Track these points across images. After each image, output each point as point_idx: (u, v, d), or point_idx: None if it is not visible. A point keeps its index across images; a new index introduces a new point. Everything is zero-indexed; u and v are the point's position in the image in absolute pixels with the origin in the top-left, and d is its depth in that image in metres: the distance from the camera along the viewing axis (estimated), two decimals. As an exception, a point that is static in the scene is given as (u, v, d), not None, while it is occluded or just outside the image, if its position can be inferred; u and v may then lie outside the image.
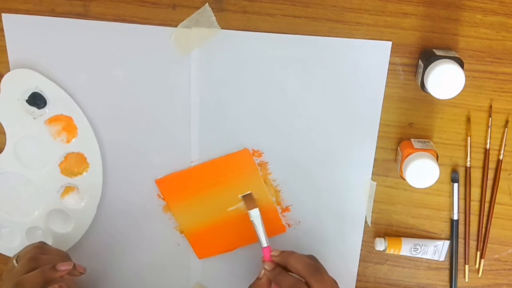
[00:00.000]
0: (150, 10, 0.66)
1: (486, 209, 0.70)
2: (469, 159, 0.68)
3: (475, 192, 0.70)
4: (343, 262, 0.74)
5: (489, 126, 0.67)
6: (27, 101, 0.69)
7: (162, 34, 0.66)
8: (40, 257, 0.62)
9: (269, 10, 0.65)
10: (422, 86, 0.61)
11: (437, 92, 0.58)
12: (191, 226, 0.75)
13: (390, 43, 0.64)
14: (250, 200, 0.71)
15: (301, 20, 0.65)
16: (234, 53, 0.66)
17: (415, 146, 0.65)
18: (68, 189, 0.73)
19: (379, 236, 0.73)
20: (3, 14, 0.67)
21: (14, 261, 0.63)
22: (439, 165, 0.62)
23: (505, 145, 0.67)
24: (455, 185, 0.69)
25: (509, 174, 0.69)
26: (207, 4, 0.65)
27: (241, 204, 0.73)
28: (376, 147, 0.69)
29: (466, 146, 0.68)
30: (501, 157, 0.68)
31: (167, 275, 0.78)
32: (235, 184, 0.72)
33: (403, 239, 0.72)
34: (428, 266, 0.74)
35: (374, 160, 0.69)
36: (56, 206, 0.74)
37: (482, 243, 0.72)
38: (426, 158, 0.61)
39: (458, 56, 0.60)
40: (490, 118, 0.66)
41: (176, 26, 0.66)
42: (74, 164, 0.72)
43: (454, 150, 0.68)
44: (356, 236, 0.73)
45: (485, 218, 0.71)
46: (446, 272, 0.74)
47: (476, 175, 0.69)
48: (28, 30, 0.67)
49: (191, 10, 0.65)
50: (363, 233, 0.73)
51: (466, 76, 0.57)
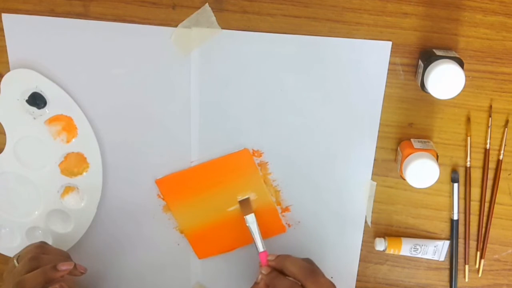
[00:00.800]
0: (150, 10, 0.66)
1: (486, 209, 0.70)
2: (469, 159, 0.68)
3: (475, 192, 0.70)
4: (343, 262, 0.74)
5: (489, 126, 0.67)
6: (27, 101, 0.69)
7: (162, 34, 0.66)
8: (41, 257, 0.62)
9: (269, 10, 0.65)
10: (422, 86, 0.61)
11: (437, 92, 0.58)
12: (191, 226, 0.75)
13: (390, 43, 0.64)
14: (246, 205, 0.71)
15: (301, 20, 0.65)
16: (234, 53, 0.66)
17: (415, 146, 0.65)
18: (68, 189, 0.73)
19: (379, 236, 0.73)
20: (3, 14, 0.67)
21: (15, 261, 0.63)
22: (439, 165, 0.62)
23: (505, 145, 0.67)
24: (455, 185, 0.69)
25: (509, 174, 0.69)
26: (207, 4, 0.65)
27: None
28: (376, 147, 0.69)
29: (466, 146, 0.68)
30: (501, 157, 0.68)
31: (167, 275, 0.78)
32: (235, 184, 0.72)
33: (403, 239, 0.72)
34: (428, 266, 0.74)
35: (374, 160, 0.69)
36: (56, 206, 0.74)
37: (482, 243, 0.72)
38: (426, 158, 0.61)
39: (458, 56, 0.60)
40: (490, 118, 0.66)
41: (176, 26, 0.66)
42: (74, 164, 0.72)
43: (454, 150, 0.68)
44: (356, 236, 0.73)
45: (485, 218, 0.71)
46: (446, 272, 0.74)
47: (476, 175, 0.69)
48: (28, 30, 0.67)
49: (191, 10, 0.65)
50: (363, 233, 0.73)
51: (466, 76, 0.57)
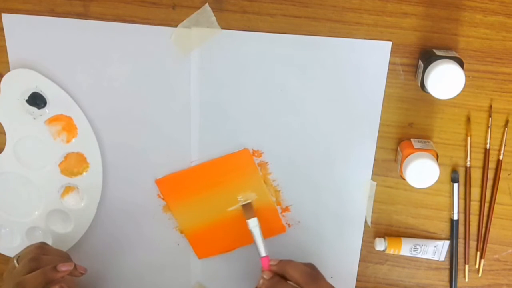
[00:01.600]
0: (150, 10, 0.66)
1: (486, 209, 0.70)
2: (469, 159, 0.68)
3: (475, 192, 0.70)
4: (343, 262, 0.74)
5: (489, 126, 0.67)
6: (27, 101, 0.69)
7: (162, 34, 0.66)
8: (41, 257, 0.62)
9: (269, 10, 0.64)
10: (422, 86, 0.61)
11: (437, 92, 0.58)
12: (191, 226, 0.75)
13: (390, 43, 0.64)
14: (249, 209, 0.71)
15: (301, 20, 0.65)
16: (234, 53, 0.66)
17: (415, 146, 0.65)
18: (68, 189, 0.73)
19: (379, 236, 0.73)
20: (3, 14, 0.67)
21: (15, 261, 0.63)
22: (439, 165, 0.62)
23: (505, 145, 0.67)
24: (455, 185, 0.69)
25: (509, 174, 0.69)
26: (207, 4, 0.65)
27: (241, 204, 0.73)
28: (376, 147, 0.69)
29: (466, 146, 0.68)
30: (501, 157, 0.68)
31: (167, 275, 0.78)
32: (235, 184, 0.72)
33: (403, 239, 0.72)
34: (428, 266, 0.74)
35: (374, 160, 0.69)
36: (56, 206, 0.74)
37: (482, 243, 0.72)
38: (426, 158, 0.61)
39: (458, 56, 0.60)
40: (490, 118, 0.66)
41: (176, 26, 0.66)
42: (74, 164, 0.72)
43: (454, 150, 0.68)
44: (356, 236, 0.73)
45: (485, 218, 0.71)
46: (446, 272, 0.74)
47: (476, 175, 0.69)
48: (28, 30, 0.67)
49: (191, 10, 0.65)
50: (363, 233, 0.73)
51: (466, 76, 0.57)
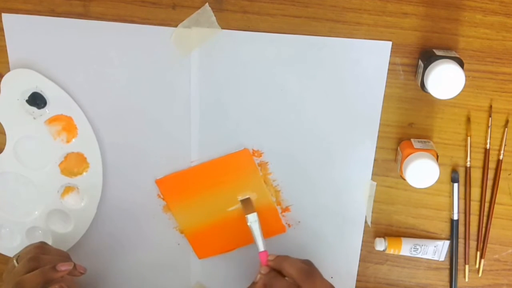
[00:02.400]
0: (150, 10, 0.66)
1: (486, 209, 0.70)
2: (469, 159, 0.68)
3: (475, 192, 0.70)
4: (343, 262, 0.74)
5: (489, 126, 0.67)
6: (27, 101, 0.69)
7: (162, 34, 0.66)
8: (40, 257, 0.62)
9: (269, 10, 0.64)
10: (422, 86, 0.61)
11: (437, 92, 0.58)
12: (191, 226, 0.75)
13: (390, 43, 0.64)
14: (248, 204, 0.71)
15: (301, 20, 0.65)
16: (234, 53, 0.66)
17: (415, 146, 0.65)
18: (68, 189, 0.73)
19: (379, 236, 0.73)
20: (3, 14, 0.67)
21: (15, 261, 0.63)
22: (439, 165, 0.62)
23: (505, 145, 0.67)
24: (455, 185, 0.69)
25: (509, 174, 0.69)
26: (207, 4, 0.65)
27: (240, 204, 0.73)
28: (376, 147, 0.69)
29: (466, 146, 0.68)
30: (501, 157, 0.68)
31: (167, 275, 0.78)
32: (235, 184, 0.72)
33: (403, 239, 0.72)
34: (428, 266, 0.74)
35: (374, 160, 0.69)
36: (56, 206, 0.74)
37: (482, 243, 0.72)
38: (426, 158, 0.61)
39: (458, 56, 0.60)
40: (490, 118, 0.66)
41: (176, 26, 0.66)
42: (74, 164, 0.72)
43: (454, 150, 0.68)
44: (356, 236, 0.73)
45: (485, 218, 0.71)
46: (446, 272, 0.74)
47: (476, 175, 0.69)
48: (28, 30, 0.67)
49: (191, 10, 0.65)
50: (363, 233, 0.73)
51: (466, 76, 0.57)
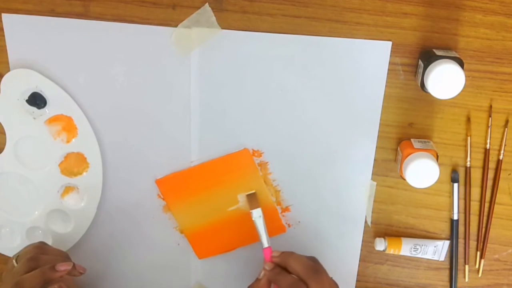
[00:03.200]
0: (150, 10, 0.66)
1: (486, 209, 0.70)
2: (469, 159, 0.68)
3: (475, 192, 0.70)
4: (343, 262, 0.74)
5: (489, 126, 0.67)
6: (27, 101, 0.69)
7: (162, 34, 0.66)
8: (39, 257, 0.62)
9: (269, 10, 0.65)
10: (422, 86, 0.61)
11: (437, 92, 0.58)
12: (191, 226, 0.75)
13: (390, 43, 0.64)
14: (253, 199, 0.71)
15: (301, 20, 0.65)
16: (234, 53, 0.66)
17: (415, 146, 0.65)
18: (68, 189, 0.73)
19: (379, 236, 0.73)
20: (3, 14, 0.67)
21: (14, 261, 0.63)
22: (439, 165, 0.62)
23: (505, 145, 0.67)
24: (455, 185, 0.69)
25: (509, 174, 0.69)
26: (207, 4, 0.65)
27: (241, 204, 0.73)
28: (376, 147, 0.69)
29: (466, 146, 0.68)
30: (501, 157, 0.68)
31: (167, 275, 0.78)
32: (235, 184, 0.72)
33: (403, 239, 0.72)
34: (428, 266, 0.74)
35: (374, 160, 0.69)
36: (56, 206, 0.74)
37: (482, 243, 0.72)
38: (426, 158, 0.61)
39: (458, 56, 0.60)
40: (490, 118, 0.66)
41: (176, 26, 0.66)
42: (74, 164, 0.72)
43: (454, 150, 0.68)
44: (356, 236, 0.73)
45: (485, 218, 0.71)
46: (446, 272, 0.74)
47: (476, 175, 0.69)
48: (28, 30, 0.67)
49: (191, 10, 0.65)
50: (363, 233, 0.73)
51: (466, 76, 0.57)
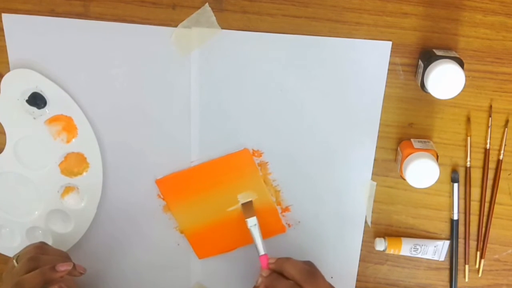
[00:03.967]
0: (150, 10, 0.66)
1: (486, 209, 0.70)
2: (469, 159, 0.68)
3: (475, 192, 0.70)
4: (343, 262, 0.74)
5: (489, 126, 0.67)
6: (27, 101, 0.69)
7: (162, 34, 0.66)
8: (40, 257, 0.62)
9: (269, 10, 0.65)
10: (422, 86, 0.61)
11: (437, 92, 0.58)
12: (191, 226, 0.75)
13: (390, 43, 0.64)
14: (249, 208, 0.71)
15: (301, 20, 0.65)
16: (234, 53, 0.66)
17: (415, 146, 0.65)
18: (68, 189, 0.73)
19: (379, 236, 0.73)
20: (3, 14, 0.67)
21: (14, 261, 0.63)
22: (439, 165, 0.62)
23: (505, 145, 0.67)
24: (455, 185, 0.69)
25: (509, 174, 0.69)
26: (207, 4, 0.65)
27: (240, 205, 0.73)
28: (376, 147, 0.69)
29: (466, 146, 0.68)
30: (501, 157, 0.68)
31: (167, 275, 0.78)
32: (235, 184, 0.72)
33: (403, 239, 0.72)
34: (428, 266, 0.74)
35: (374, 160, 0.69)
36: (56, 206, 0.74)
37: (482, 243, 0.72)
38: (426, 158, 0.61)
39: (458, 56, 0.60)
40: (490, 118, 0.66)
41: (176, 26, 0.66)
42: (74, 164, 0.72)
43: (454, 150, 0.68)
44: (356, 236, 0.73)
45: (485, 218, 0.71)
46: (446, 272, 0.74)
47: (476, 175, 0.69)
48: (28, 30, 0.67)
49: (191, 10, 0.65)
50: (363, 233, 0.73)
51: (466, 76, 0.57)
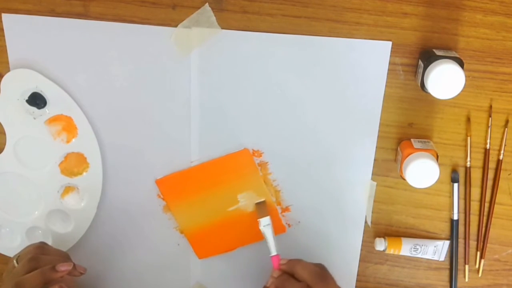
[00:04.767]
0: (150, 10, 0.66)
1: (486, 209, 0.70)
2: (469, 159, 0.68)
3: (475, 192, 0.70)
4: (343, 262, 0.74)
5: (489, 126, 0.67)
6: (27, 101, 0.69)
7: (162, 34, 0.66)
8: (40, 257, 0.62)
9: (269, 10, 0.64)
10: (422, 86, 0.61)
11: (437, 92, 0.58)
12: (191, 226, 0.75)
13: (390, 43, 0.64)
14: (262, 208, 0.71)
15: (301, 20, 0.65)
16: (234, 53, 0.66)
17: (415, 146, 0.65)
18: (68, 189, 0.73)
19: (379, 236, 0.73)
20: (3, 14, 0.67)
21: (15, 261, 0.63)
22: (439, 165, 0.62)
23: (505, 145, 0.67)
24: (455, 185, 0.69)
25: (509, 174, 0.69)
26: (207, 4, 0.65)
27: (241, 204, 0.73)
28: (376, 147, 0.69)
29: (466, 146, 0.68)
30: (501, 157, 0.68)
31: (167, 275, 0.78)
32: (235, 184, 0.72)
33: (403, 239, 0.72)
34: (428, 266, 0.74)
35: (374, 160, 0.69)
36: (56, 206, 0.74)
37: (482, 243, 0.72)
38: (426, 158, 0.61)
39: (458, 56, 0.60)
40: (490, 118, 0.66)
41: (176, 26, 0.66)
42: (74, 164, 0.72)
43: (454, 150, 0.68)
44: (356, 236, 0.73)
45: (485, 218, 0.71)
46: (446, 272, 0.74)
47: (476, 175, 0.69)
48: (28, 30, 0.67)
49: (191, 10, 0.65)
50: (363, 233, 0.73)
51: (466, 76, 0.57)
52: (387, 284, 0.76)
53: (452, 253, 0.72)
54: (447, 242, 0.72)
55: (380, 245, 0.71)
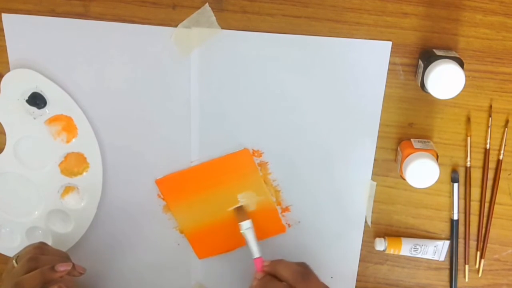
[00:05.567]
0: (150, 10, 0.66)
1: (486, 209, 0.70)
2: (469, 159, 0.68)
3: (475, 192, 0.70)
4: (343, 262, 0.74)
5: (489, 126, 0.67)
6: (27, 101, 0.69)
7: (162, 34, 0.66)
8: (39, 257, 0.62)
9: (269, 10, 0.64)
10: (422, 86, 0.61)
11: (437, 92, 0.58)
12: (191, 226, 0.75)
13: (390, 43, 0.64)
14: (241, 212, 0.71)
15: (301, 20, 0.65)
16: (234, 53, 0.66)
17: (415, 146, 0.65)
18: (68, 189, 0.73)
19: (379, 236, 0.73)
20: (3, 14, 0.67)
21: (14, 261, 0.63)
22: (439, 165, 0.62)
23: (505, 145, 0.67)
24: (455, 185, 0.69)
25: (509, 174, 0.69)
26: (207, 4, 0.65)
27: (241, 204, 0.73)
28: (376, 147, 0.69)
29: (466, 146, 0.68)
30: (501, 157, 0.68)
31: (167, 275, 0.78)
32: (235, 184, 0.72)
33: (403, 239, 0.72)
34: (428, 266, 0.74)
35: (374, 160, 0.69)
36: (56, 206, 0.74)
37: (482, 243, 0.72)
38: (426, 158, 0.61)
39: (458, 56, 0.60)
40: (490, 118, 0.66)
41: (176, 26, 0.66)
42: (74, 164, 0.72)
43: (454, 150, 0.68)
44: (356, 236, 0.73)
45: (485, 218, 0.71)
46: (446, 272, 0.74)
47: (476, 175, 0.69)
48: (28, 30, 0.67)
49: (191, 10, 0.65)
50: (363, 233, 0.73)
51: (466, 76, 0.57)
52: (387, 284, 0.76)
53: (452, 253, 0.72)
54: (447, 242, 0.72)
55: (380, 245, 0.71)
